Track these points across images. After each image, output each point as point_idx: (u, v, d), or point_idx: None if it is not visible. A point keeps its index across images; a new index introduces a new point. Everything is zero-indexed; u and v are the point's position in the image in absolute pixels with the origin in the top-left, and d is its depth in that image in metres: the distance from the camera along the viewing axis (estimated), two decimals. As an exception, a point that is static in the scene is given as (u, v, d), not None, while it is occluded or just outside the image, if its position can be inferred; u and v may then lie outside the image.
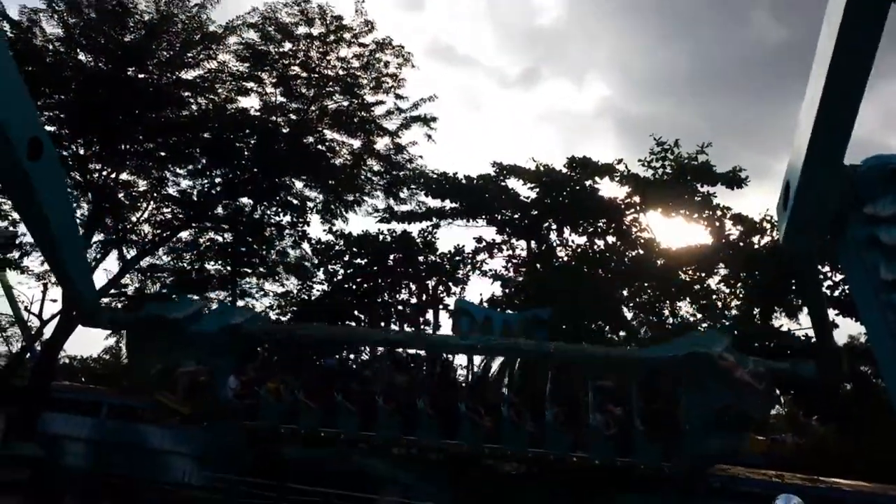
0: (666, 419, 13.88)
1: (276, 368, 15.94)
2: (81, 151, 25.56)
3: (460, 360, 16.79)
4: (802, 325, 23.04)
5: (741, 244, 24.11)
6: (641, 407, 13.94)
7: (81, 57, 24.15)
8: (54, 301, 26.95)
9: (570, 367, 15.69)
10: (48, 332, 26.63)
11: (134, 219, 27.54)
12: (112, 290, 27.23)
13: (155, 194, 27.56)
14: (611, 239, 26.52)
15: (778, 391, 23.18)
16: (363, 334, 16.98)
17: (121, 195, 27.02)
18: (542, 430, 13.80)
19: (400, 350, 17.15)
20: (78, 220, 26.99)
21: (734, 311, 24.66)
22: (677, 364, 13.48)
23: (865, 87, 6.88)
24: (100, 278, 28.01)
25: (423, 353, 16.98)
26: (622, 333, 26.02)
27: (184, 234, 28.49)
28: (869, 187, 10.27)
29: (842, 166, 9.30)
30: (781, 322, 23.62)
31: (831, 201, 10.13)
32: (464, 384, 16.00)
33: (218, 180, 27.65)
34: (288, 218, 28.69)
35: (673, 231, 28.57)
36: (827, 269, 21.96)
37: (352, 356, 17.88)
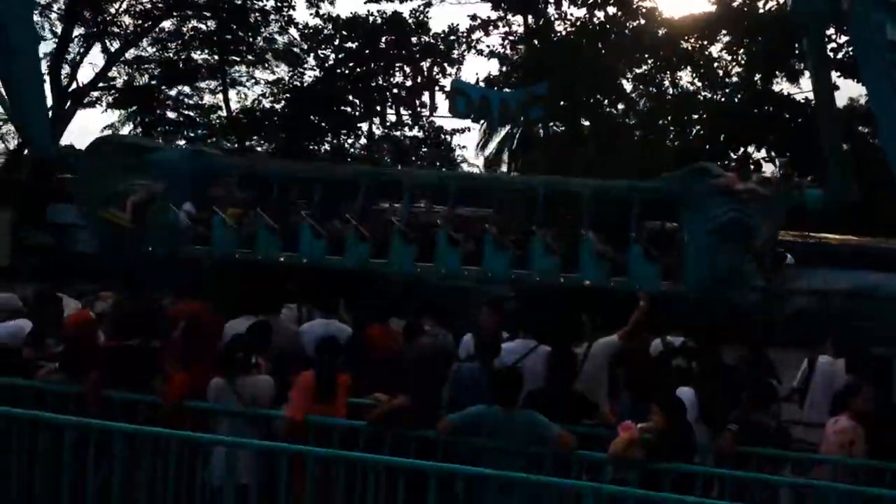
0: (664, 240, 13.73)
1: (240, 198, 14.51)
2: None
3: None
4: (803, 89, 22.81)
5: (745, 9, 23.24)
6: (638, 228, 13.52)
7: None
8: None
9: (564, 197, 15.18)
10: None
11: (113, 10, 26.33)
12: (100, 84, 26.66)
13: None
14: (611, 10, 25.44)
15: (774, 153, 23.42)
16: (329, 171, 15.57)
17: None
18: (527, 253, 12.83)
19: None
20: (56, 14, 25.95)
21: (735, 79, 24.28)
22: (676, 183, 13.12)
23: None
24: (86, 72, 27.43)
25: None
26: (620, 106, 25.80)
27: (166, 24, 27.38)
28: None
29: None
30: (782, 87, 23.37)
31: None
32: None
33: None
34: (272, 2, 27.37)
35: (675, -1, 27.37)
36: (831, 31, 21.35)
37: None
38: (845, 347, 6.89)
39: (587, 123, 26.15)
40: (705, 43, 24.35)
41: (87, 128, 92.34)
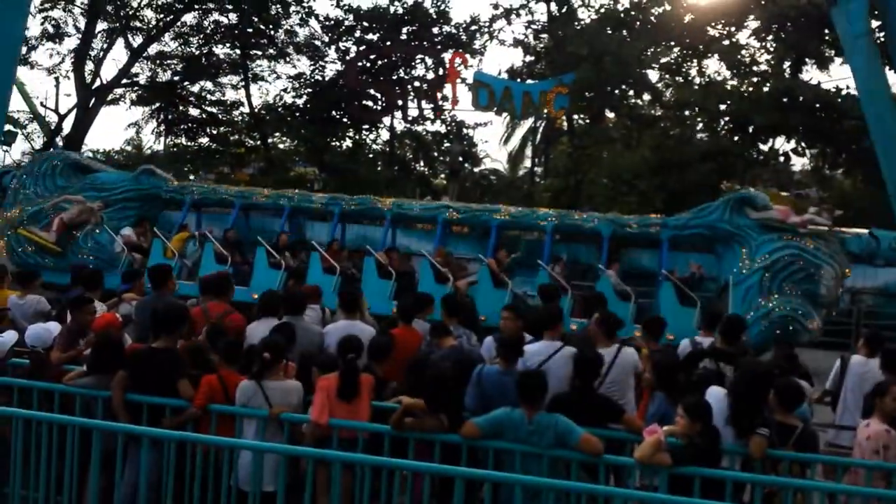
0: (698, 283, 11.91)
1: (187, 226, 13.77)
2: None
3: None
4: (832, 77, 22.44)
5: (773, -5, 22.80)
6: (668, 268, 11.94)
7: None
8: (68, 95, 26.73)
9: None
10: (67, 126, 26.70)
11: (135, 4, 26.46)
12: (124, 80, 26.83)
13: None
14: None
15: (804, 144, 22.91)
16: (304, 199, 14.28)
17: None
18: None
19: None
20: (79, 9, 26.11)
21: (763, 66, 23.84)
22: (713, 216, 11.60)
23: None
24: (110, 69, 27.59)
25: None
26: (646, 97, 25.49)
27: (188, 18, 27.47)
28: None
29: None
30: (812, 75, 22.95)
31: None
32: None
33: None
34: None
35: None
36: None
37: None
38: (879, 345, 6.72)
39: (613, 115, 25.89)
40: (733, 29, 23.95)
41: (111, 125, 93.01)
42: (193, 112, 29.43)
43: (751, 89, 22.60)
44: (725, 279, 11.29)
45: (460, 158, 29.35)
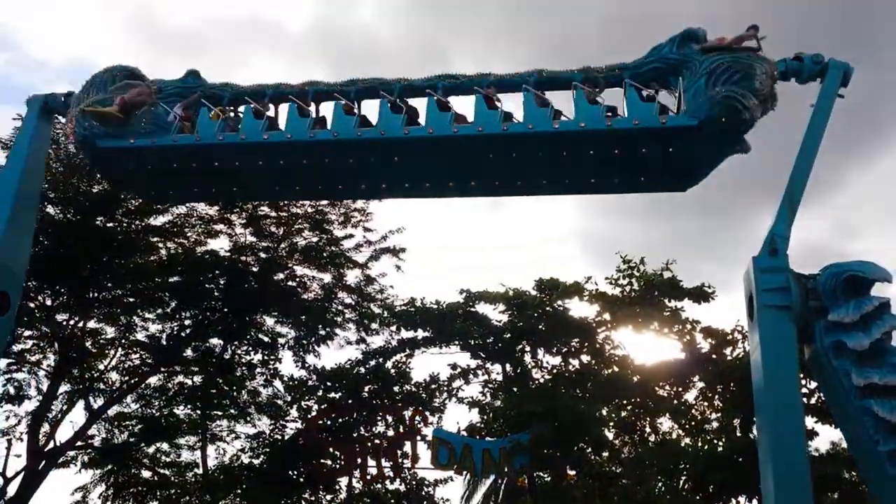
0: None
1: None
2: (49, 302, 25.36)
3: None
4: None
5: (714, 356, 24.26)
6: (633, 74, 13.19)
7: (50, 210, 24.35)
8: (18, 456, 25.91)
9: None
10: (12, 490, 25.44)
11: (101, 367, 27.01)
12: (78, 443, 26.30)
13: (123, 341, 27.21)
14: (585, 358, 26.60)
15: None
16: (317, 85, 14.28)
17: (88, 343, 26.61)
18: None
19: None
20: (44, 372, 26.50)
21: (714, 424, 24.48)
22: (666, 51, 12.88)
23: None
24: (65, 431, 27.18)
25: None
26: (605, 454, 25.60)
27: (153, 380, 27.94)
28: (830, 295, 10.63)
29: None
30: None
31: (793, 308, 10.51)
32: None
33: (187, 322, 27.46)
34: (259, 356, 28.38)
35: (646, 347, 28.71)
36: (802, 377, 22.08)
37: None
38: None
39: (573, 472, 25.75)
40: (680, 389, 25.01)
41: (59, 487, 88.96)
42: (145, 474, 28.51)
43: (705, 447, 22.97)
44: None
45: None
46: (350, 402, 27.19)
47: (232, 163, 13.73)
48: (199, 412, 27.97)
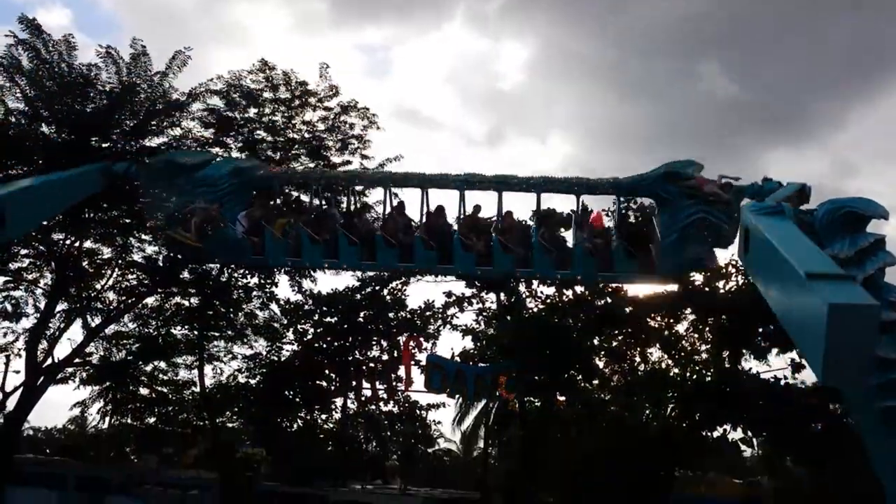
0: (642, 238, 14.68)
1: (282, 208, 16.33)
2: (45, 222, 25.29)
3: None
4: (772, 367, 23.39)
5: (706, 289, 24.48)
6: (621, 228, 14.73)
7: (44, 129, 24.08)
8: (17, 372, 26.31)
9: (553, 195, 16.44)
10: (11, 404, 25.95)
11: (98, 286, 27.19)
12: (76, 360, 26.69)
13: (119, 261, 27.28)
14: (579, 289, 26.78)
15: (750, 433, 23.37)
16: (361, 176, 17.66)
17: (85, 263, 26.70)
18: (530, 253, 14.51)
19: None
20: (41, 290, 26.70)
21: (704, 355, 24.91)
22: (651, 183, 14.18)
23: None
24: (64, 348, 27.55)
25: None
26: (595, 382, 26.10)
27: (150, 300, 28.18)
28: (826, 230, 10.66)
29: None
30: (751, 364, 23.92)
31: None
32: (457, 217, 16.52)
33: (184, 245, 27.46)
34: (255, 280, 28.54)
35: (640, 278, 28.73)
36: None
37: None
38: None
39: (563, 398, 26.30)
40: (671, 321, 25.31)
41: (58, 402, 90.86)
42: (143, 391, 29.06)
43: (693, 377, 23.44)
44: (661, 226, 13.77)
45: (413, 440, 28.99)
46: (346, 326, 27.53)
47: None
48: (196, 333, 28.31)
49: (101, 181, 15.68)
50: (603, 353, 25.50)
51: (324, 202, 17.24)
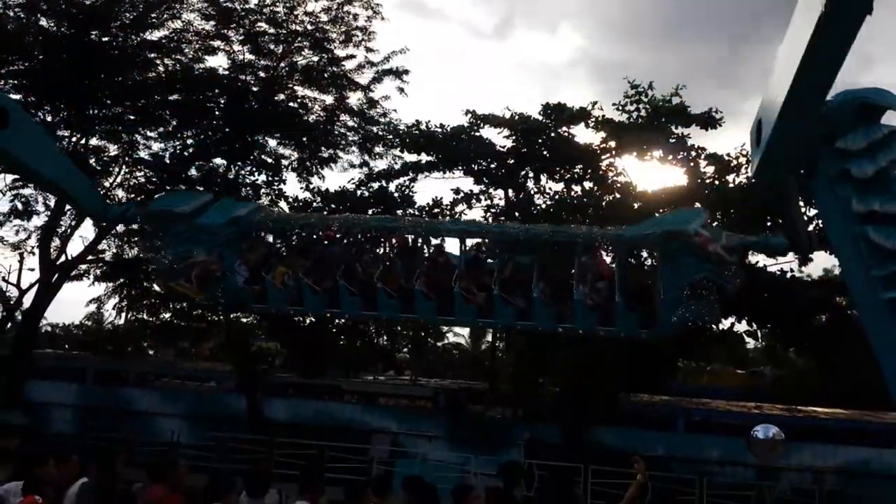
0: (644, 292, 14.55)
1: (281, 256, 16.37)
2: (49, 118, 25.11)
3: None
4: (778, 261, 23.47)
5: (716, 183, 24.32)
6: (622, 281, 14.53)
7: (43, 22, 23.51)
8: (32, 270, 26.72)
9: (556, 247, 16.23)
10: (28, 300, 26.49)
11: (107, 184, 27.21)
12: (89, 257, 27.03)
13: (126, 158, 27.21)
14: (588, 185, 26.64)
15: (755, 325, 23.71)
16: (360, 221, 17.35)
17: (92, 161, 26.64)
18: (531, 305, 14.51)
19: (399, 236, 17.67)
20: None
21: (711, 250, 24.95)
22: (654, 241, 14.07)
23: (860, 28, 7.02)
24: (76, 246, 27.88)
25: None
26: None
27: (159, 198, 28.23)
28: (840, 122, 10.44)
29: (821, 106, 9.48)
30: (758, 258, 24.01)
31: (805, 139, 10.32)
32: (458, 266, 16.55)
33: (190, 142, 27.33)
34: (263, 177, 28.51)
35: (649, 174, 28.70)
36: (801, 204, 22.29)
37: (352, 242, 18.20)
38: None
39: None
40: (680, 216, 25.21)
41: (72, 300, 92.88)
42: (157, 288, 29.54)
43: (700, 271, 23.55)
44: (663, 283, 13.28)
45: (422, 333, 29.58)
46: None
47: None
48: (206, 231, 28.44)
49: (97, 214, 15.27)
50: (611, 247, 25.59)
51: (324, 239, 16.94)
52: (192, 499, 6.67)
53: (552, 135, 26.09)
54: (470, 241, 16.43)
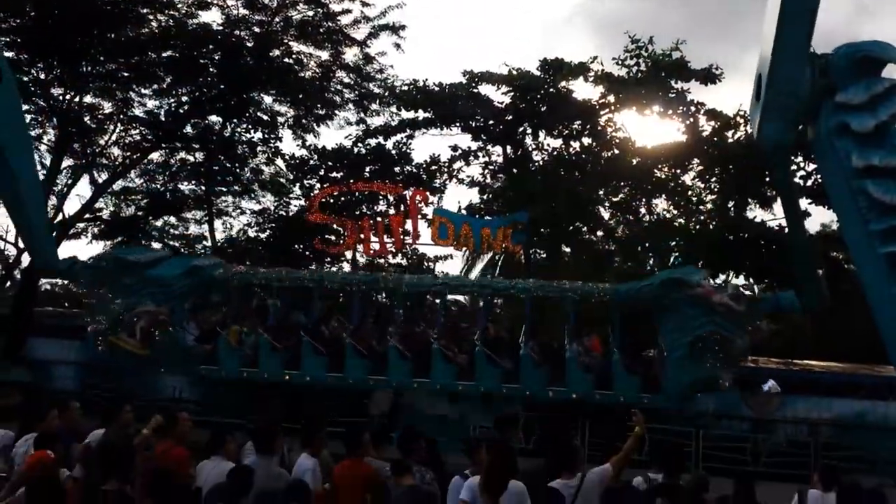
0: (644, 351, 13.82)
1: (238, 313, 15.54)
2: (42, 76, 24.81)
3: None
4: (777, 216, 23.50)
5: (715, 139, 24.22)
6: (620, 338, 13.74)
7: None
8: (30, 229, 26.58)
9: (547, 302, 15.47)
10: (26, 259, 26.48)
11: (102, 142, 27.03)
12: (87, 215, 26.97)
13: (121, 116, 26.96)
14: (586, 140, 26.54)
15: (752, 280, 23.74)
16: (325, 277, 16.24)
17: (87, 119, 26.41)
18: (518, 366, 13.51)
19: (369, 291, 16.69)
20: (45, 146, 26.61)
21: (709, 206, 25.00)
22: (653, 292, 13.32)
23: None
24: (73, 204, 27.80)
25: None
26: (600, 233, 26.36)
27: (155, 156, 28.12)
28: (841, 75, 10.34)
29: (806, 51, 9.36)
30: (755, 213, 24.05)
31: (801, 89, 10.21)
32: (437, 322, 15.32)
33: (184, 99, 27.07)
34: (259, 134, 28.33)
35: (647, 129, 28.53)
36: (800, 159, 22.22)
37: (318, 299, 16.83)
38: (834, 480, 6.79)
39: (568, 250, 26.66)
40: (678, 171, 25.21)
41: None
42: (156, 246, 29.53)
43: (698, 227, 23.62)
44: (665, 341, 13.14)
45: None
46: (352, 181, 27.53)
47: None
48: (203, 188, 28.42)
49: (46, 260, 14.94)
50: (609, 204, 25.59)
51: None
52: (196, 454, 6.79)
53: (551, 90, 25.89)
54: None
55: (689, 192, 25.26)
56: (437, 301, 15.69)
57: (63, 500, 5.38)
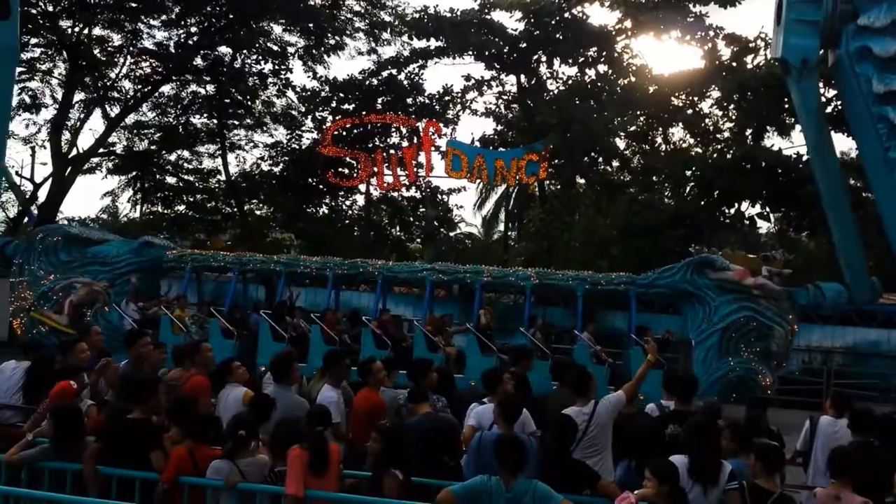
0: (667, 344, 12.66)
1: (186, 297, 14.24)
2: (50, 8, 24.49)
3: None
4: (794, 143, 23.14)
5: (734, 65, 23.67)
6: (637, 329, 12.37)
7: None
8: (44, 164, 26.74)
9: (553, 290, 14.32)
10: (42, 195, 26.66)
11: (113, 75, 26.83)
12: (101, 150, 26.98)
13: (131, 48, 26.67)
14: (602, 68, 25.99)
15: (768, 209, 23.42)
16: (288, 262, 14.68)
17: (96, 52, 26.15)
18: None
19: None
20: (56, 80, 26.44)
21: (726, 134, 24.62)
22: (674, 276, 12.25)
23: None
24: (86, 138, 27.76)
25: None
26: (615, 164, 26.09)
27: (166, 89, 27.91)
28: (863, -1, 10.03)
29: None
30: (773, 141, 23.67)
31: (824, 6, 9.92)
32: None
33: (193, 30, 26.69)
34: (269, 66, 27.96)
35: (665, 55, 27.88)
36: (821, 84, 21.71)
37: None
38: (846, 406, 6.85)
39: (583, 181, 26.44)
40: (695, 99, 24.72)
41: (87, 194, 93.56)
42: (170, 180, 29.59)
43: (714, 155, 23.30)
44: (688, 339, 11.85)
45: (435, 223, 29.68)
46: (364, 113, 27.25)
47: None
48: (215, 121, 28.26)
49: None
50: (624, 134, 25.24)
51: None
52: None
53: (566, 16, 25.23)
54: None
55: (707, 121, 24.85)
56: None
57: (84, 428, 5.57)
